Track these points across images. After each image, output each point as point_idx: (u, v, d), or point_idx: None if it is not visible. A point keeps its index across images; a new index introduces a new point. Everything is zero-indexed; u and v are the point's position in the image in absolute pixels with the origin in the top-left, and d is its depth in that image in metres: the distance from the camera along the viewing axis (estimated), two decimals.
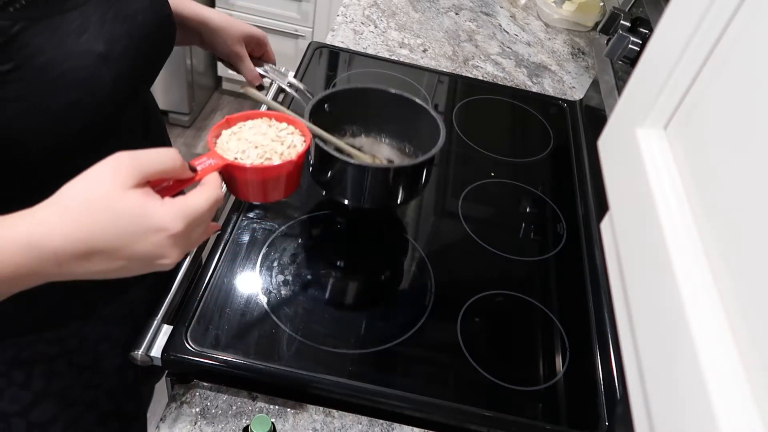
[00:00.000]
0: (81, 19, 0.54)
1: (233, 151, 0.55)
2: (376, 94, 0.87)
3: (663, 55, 0.39)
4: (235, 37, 0.87)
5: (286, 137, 0.58)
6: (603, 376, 0.80)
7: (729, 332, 0.29)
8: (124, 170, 0.44)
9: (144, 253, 0.45)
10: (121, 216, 0.43)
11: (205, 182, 0.50)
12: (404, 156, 0.91)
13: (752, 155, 0.30)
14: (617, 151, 0.44)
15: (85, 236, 0.43)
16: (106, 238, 0.44)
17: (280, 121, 0.60)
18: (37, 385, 0.72)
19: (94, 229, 0.43)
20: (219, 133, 0.58)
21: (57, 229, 0.43)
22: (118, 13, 0.58)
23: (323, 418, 0.73)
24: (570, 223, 1.02)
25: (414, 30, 1.42)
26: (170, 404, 0.72)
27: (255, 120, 0.60)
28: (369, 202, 0.82)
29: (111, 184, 0.43)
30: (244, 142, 0.56)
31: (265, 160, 0.55)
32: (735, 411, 0.26)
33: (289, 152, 0.56)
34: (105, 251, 0.44)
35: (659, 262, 0.34)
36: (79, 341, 0.73)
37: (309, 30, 2.30)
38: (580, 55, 1.47)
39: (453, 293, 0.86)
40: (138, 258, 0.45)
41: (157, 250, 0.45)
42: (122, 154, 0.45)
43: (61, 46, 0.51)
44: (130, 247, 0.44)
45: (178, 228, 0.45)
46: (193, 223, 0.46)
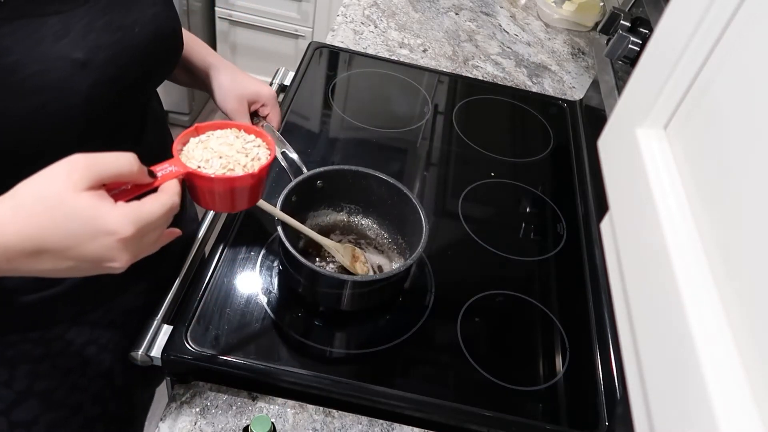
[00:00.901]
0: (62, 24, 0.53)
1: (197, 159, 0.56)
2: (370, 178, 0.84)
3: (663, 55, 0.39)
4: (237, 96, 0.84)
5: (252, 149, 0.59)
6: (603, 376, 0.80)
7: (729, 332, 0.29)
8: (78, 171, 0.44)
9: (92, 255, 0.45)
10: (71, 217, 0.44)
11: (163, 189, 0.50)
12: (395, 249, 0.87)
13: (752, 155, 0.30)
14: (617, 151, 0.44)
15: (34, 234, 0.43)
16: (55, 238, 0.44)
17: (248, 133, 0.61)
18: (20, 384, 0.71)
19: (43, 227, 0.43)
20: (187, 140, 0.58)
21: (8, 226, 0.43)
22: (111, 22, 0.57)
23: (323, 418, 0.73)
24: (570, 223, 1.02)
25: (414, 30, 1.42)
26: (170, 404, 0.72)
27: (224, 130, 0.60)
28: (323, 304, 0.81)
29: (64, 185, 0.44)
30: (210, 151, 0.57)
31: (228, 171, 0.55)
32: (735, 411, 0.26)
33: (252, 164, 0.57)
34: (53, 251, 0.44)
35: (659, 262, 0.34)
36: (64, 344, 0.73)
37: (309, 30, 2.30)
38: (580, 55, 1.47)
39: (453, 293, 0.86)
40: (86, 259, 0.45)
41: (106, 253, 0.45)
42: (78, 155, 0.45)
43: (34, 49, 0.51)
44: (78, 248, 0.44)
45: (128, 232, 0.45)
46: (145, 228, 0.46)
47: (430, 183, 1.05)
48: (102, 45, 0.56)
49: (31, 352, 0.70)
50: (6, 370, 0.70)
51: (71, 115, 0.54)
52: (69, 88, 0.53)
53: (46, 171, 0.45)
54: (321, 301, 0.81)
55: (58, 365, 0.73)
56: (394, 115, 1.17)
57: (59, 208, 0.43)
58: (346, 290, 0.77)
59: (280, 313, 0.80)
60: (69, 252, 0.44)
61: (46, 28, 0.52)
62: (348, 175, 0.84)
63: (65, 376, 0.75)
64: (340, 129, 1.12)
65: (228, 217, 0.89)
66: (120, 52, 0.58)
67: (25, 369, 0.71)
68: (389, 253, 0.87)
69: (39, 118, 0.53)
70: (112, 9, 0.58)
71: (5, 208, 0.44)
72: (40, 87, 0.52)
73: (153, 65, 0.65)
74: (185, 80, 0.87)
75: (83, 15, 0.55)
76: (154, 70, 0.67)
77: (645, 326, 0.35)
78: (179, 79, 0.87)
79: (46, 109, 0.53)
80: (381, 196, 0.86)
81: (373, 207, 0.88)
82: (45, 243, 0.44)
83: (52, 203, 0.43)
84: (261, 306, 0.80)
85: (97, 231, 0.44)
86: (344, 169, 0.83)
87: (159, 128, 0.77)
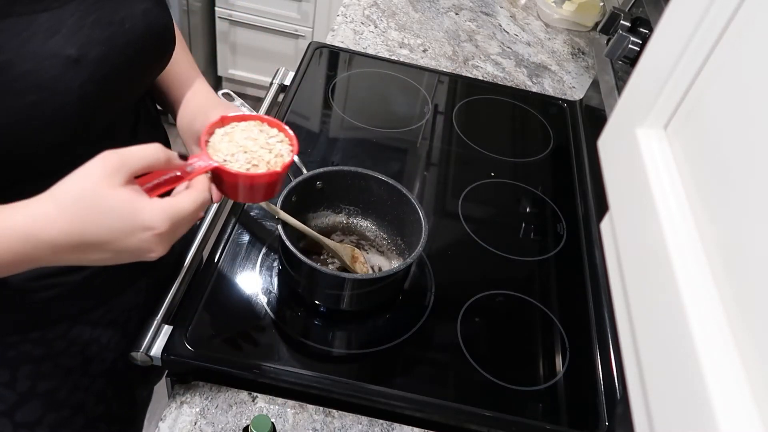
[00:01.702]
0: (53, 21, 0.53)
1: (224, 152, 0.58)
2: (369, 178, 0.84)
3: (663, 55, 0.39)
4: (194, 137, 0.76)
5: (275, 145, 0.61)
6: (603, 376, 0.80)
7: (729, 332, 0.29)
8: (112, 167, 0.47)
9: (131, 248, 0.48)
10: (111, 213, 0.46)
11: (194, 184, 0.53)
12: (394, 249, 0.87)
13: (752, 155, 0.30)
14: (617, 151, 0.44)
15: (78, 230, 0.46)
16: (96, 233, 0.47)
17: (271, 127, 0.63)
18: (22, 385, 0.71)
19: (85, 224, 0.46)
20: (213, 131, 0.61)
21: (55, 223, 0.46)
22: (101, 18, 0.57)
23: (323, 418, 0.73)
24: (570, 223, 1.02)
25: (414, 30, 1.42)
26: (170, 404, 0.72)
27: (248, 122, 0.62)
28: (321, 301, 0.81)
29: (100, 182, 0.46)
30: (235, 145, 0.59)
31: (252, 166, 0.58)
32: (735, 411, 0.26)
33: (275, 161, 0.59)
34: (96, 244, 0.47)
35: (659, 262, 0.34)
36: (66, 344, 0.72)
37: (309, 30, 2.30)
38: (580, 55, 1.47)
39: (453, 293, 0.86)
40: (126, 251, 0.49)
41: (144, 245, 0.48)
42: (110, 152, 0.48)
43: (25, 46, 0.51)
44: (118, 242, 0.48)
45: (164, 228, 0.48)
46: (178, 222, 0.49)
47: (430, 183, 1.05)
48: (94, 41, 0.56)
49: (32, 353, 0.70)
50: (8, 371, 0.70)
51: (64, 113, 0.54)
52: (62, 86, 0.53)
53: (82, 169, 0.47)
54: (321, 301, 0.81)
55: (60, 365, 0.73)
56: (394, 115, 1.17)
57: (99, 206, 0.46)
58: (346, 289, 0.77)
59: (280, 313, 0.80)
60: (110, 245, 0.48)
61: (37, 25, 0.52)
62: (347, 175, 0.84)
63: (67, 376, 0.75)
64: (340, 129, 1.12)
65: (228, 217, 0.89)
66: (112, 48, 0.58)
67: (26, 370, 0.71)
68: (389, 253, 0.87)
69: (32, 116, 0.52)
70: (101, 5, 0.57)
71: (49, 208, 0.47)
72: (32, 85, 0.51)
73: (145, 61, 0.65)
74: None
75: (73, 11, 0.55)
76: (147, 66, 0.66)
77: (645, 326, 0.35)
78: None
79: (39, 107, 0.52)
80: (380, 196, 0.86)
81: (373, 208, 0.88)
82: (88, 238, 0.47)
83: (92, 201, 0.46)
84: (261, 306, 0.80)
85: (136, 226, 0.47)
86: (344, 169, 0.84)
87: (153, 127, 0.77)
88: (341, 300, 0.78)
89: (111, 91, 0.61)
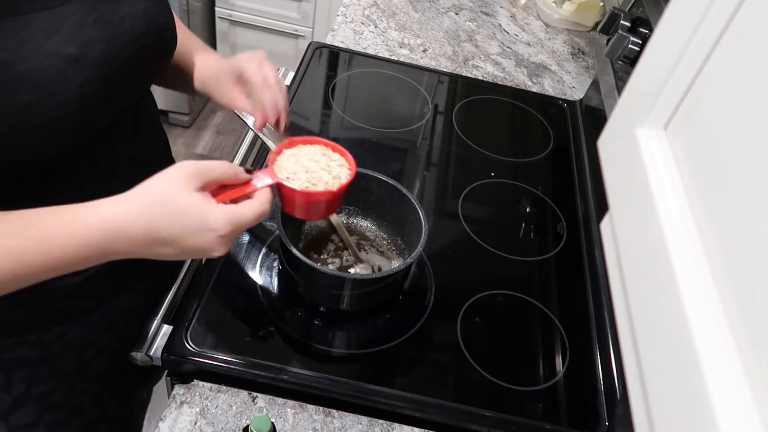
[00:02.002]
0: (53, 20, 0.53)
1: (287, 170, 0.64)
2: (369, 179, 0.84)
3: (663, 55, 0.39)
4: (224, 73, 0.79)
5: (335, 168, 0.66)
6: (603, 376, 0.80)
7: (729, 332, 0.29)
8: (187, 174, 0.54)
9: (197, 246, 0.54)
10: (184, 213, 0.53)
11: (256, 196, 0.59)
12: (394, 249, 0.87)
13: (752, 155, 0.30)
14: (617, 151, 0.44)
15: (155, 227, 0.53)
16: (170, 230, 0.53)
17: (334, 152, 0.68)
18: (17, 388, 0.71)
19: (162, 221, 0.53)
20: (281, 150, 0.67)
21: (136, 220, 0.52)
22: (101, 17, 0.57)
23: (323, 418, 0.73)
24: (570, 223, 1.02)
25: (414, 30, 1.42)
26: (170, 404, 0.72)
27: (314, 146, 0.69)
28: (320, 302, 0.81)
29: (177, 186, 0.53)
30: (299, 164, 0.65)
31: (311, 185, 0.64)
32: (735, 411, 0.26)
33: (333, 182, 0.65)
34: (168, 240, 0.54)
35: (659, 262, 0.34)
36: (62, 346, 0.72)
37: (309, 30, 2.30)
38: (580, 55, 1.47)
39: (453, 293, 0.86)
40: (192, 248, 0.55)
41: (207, 245, 0.55)
42: (188, 162, 0.55)
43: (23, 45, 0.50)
44: (187, 239, 0.54)
45: (226, 231, 0.54)
46: (238, 228, 0.56)
47: (430, 183, 1.05)
48: (94, 40, 0.56)
49: (29, 356, 0.70)
50: (2, 374, 0.70)
51: (65, 112, 0.54)
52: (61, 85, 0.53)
53: (163, 174, 0.54)
54: (321, 301, 0.81)
55: (57, 368, 0.73)
56: (394, 115, 1.17)
57: (175, 206, 0.53)
58: (346, 290, 0.77)
59: (280, 313, 0.80)
60: (179, 242, 0.54)
61: (36, 24, 0.51)
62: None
63: (63, 379, 0.74)
64: (340, 129, 1.12)
65: None
66: (112, 47, 0.57)
67: (22, 372, 0.71)
68: (389, 253, 0.87)
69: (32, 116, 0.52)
70: (102, 4, 0.57)
71: (130, 206, 0.53)
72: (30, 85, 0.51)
73: (146, 60, 0.64)
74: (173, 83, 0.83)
75: (74, 10, 0.54)
76: (147, 65, 0.66)
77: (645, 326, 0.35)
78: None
79: (37, 106, 0.52)
80: (380, 196, 0.86)
81: (373, 208, 0.88)
82: (162, 234, 0.53)
83: (169, 202, 0.53)
84: (261, 306, 0.80)
85: (202, 227, 0.54)
86: None
87: (153, 127, 0.76)
88: (341, 300, 0.78)
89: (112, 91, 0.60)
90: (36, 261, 0.51)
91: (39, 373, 0.72)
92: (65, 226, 0.51)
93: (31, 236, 0.51)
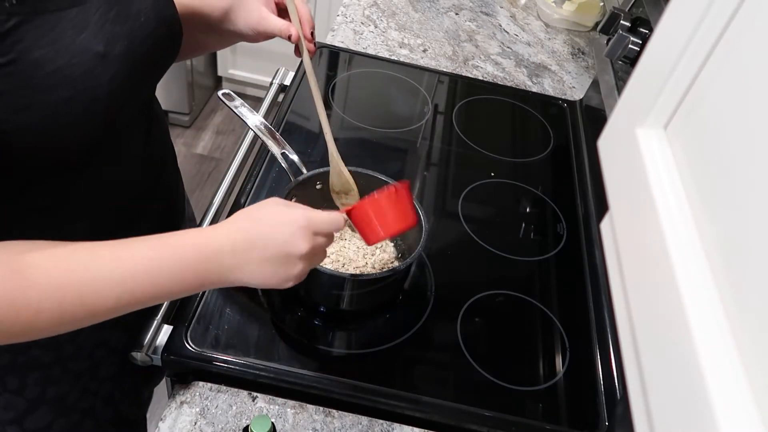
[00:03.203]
0: (80, 17, 0.53)
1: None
2: (369, 179, 0.83)
3: (663, 55, 0.39)
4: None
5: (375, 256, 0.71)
6: (603, 376, 0.80)
7: (729, 332, 0.29)
8: (304, 225, 0.59)
9: (282, 239, 0.58)
10: (276, 216, 0.59)
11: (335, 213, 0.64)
12: (394, 249, 0.86)
13: (752, 155, 0.30)
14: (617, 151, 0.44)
15: (256, 233, 0.58)
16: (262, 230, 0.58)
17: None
18: (31, 391, 0.71)
19: (261, 226, 0.58)
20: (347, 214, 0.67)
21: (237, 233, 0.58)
22: (120, 12, 0.57)
23: (323, 418, 0.73)
24: (570, 223, 1.02)
25: (414, 30, 1.42)
26: (170, 404, 0.72)
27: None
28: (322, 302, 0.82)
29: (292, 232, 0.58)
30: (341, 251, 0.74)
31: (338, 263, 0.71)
32: (735, 411, 0.26)
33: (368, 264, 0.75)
34: (261, 239, 0.57)
35: (659, 262, 0.34)
36: (75, 348, 0.72)
37: None
38: (580, 55, 1.47)
39: (453, 293, 0.86)
40: (278, 243, 0.58)
41: (289, 238, 0.58)
42: (302, 213, 0.60)
43: (57, 42, 0.51)
44: (274, 235, 0.58)
45: (303, 222, 0.58)
46: (314, 224, 0.59)
47: (430, 183, 1.05)
48: (117, 36, 0.56)
49: (42, 358, 0.70)
50: (17, 377, 0.70)
51: (95, 108, 0.55)
52: (93, 81, 0.54)
53: (279, 221, 0.59)
54: (321, 301, 0.81)
55: (69, 370, 0.73)
56: (394, 115, 1.17)
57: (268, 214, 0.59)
58: (346, 290, 0.77)
59: (280, 313, 0.80)
60: (269, 240, 0.57)
61: (66, 22, 0.52)
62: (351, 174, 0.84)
63: (76, 381, 0.74)
64: (340, 129, 1.12)
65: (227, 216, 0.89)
66: (133, 41, 0.58)
67: (35, 375, 0.71)
68: (389, 253, 0.87)
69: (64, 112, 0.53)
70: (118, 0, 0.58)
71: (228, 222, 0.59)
72: (65, 81, 0.52)
73: (159, 53, 0.65)
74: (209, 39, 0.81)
75: (97, 6, 0.55)
76: (161, 58, 0.66)
77: (645, 326, 0.35)
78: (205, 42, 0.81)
79: (72, 102, 0.53)
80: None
81: None
82: (258, 233, 0.58)
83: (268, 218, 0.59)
84: (261, 306, 0.80)
85: (285, 220, 0.58)
86: None
87: (161, 124, 0.77)
88: (341, 300, 0.78)
89: (135, 86, 0.61)
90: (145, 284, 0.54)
91: (52, 375, 0.72)
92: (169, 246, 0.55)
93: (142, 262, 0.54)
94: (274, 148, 0.84)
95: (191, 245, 0.55)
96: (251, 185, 0.95)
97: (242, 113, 0.85)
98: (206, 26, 0.78)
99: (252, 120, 0.86)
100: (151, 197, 0.76)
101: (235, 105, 0.85)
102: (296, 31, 0.75)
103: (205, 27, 0.78)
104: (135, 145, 0.69)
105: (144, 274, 0.53)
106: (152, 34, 0.61)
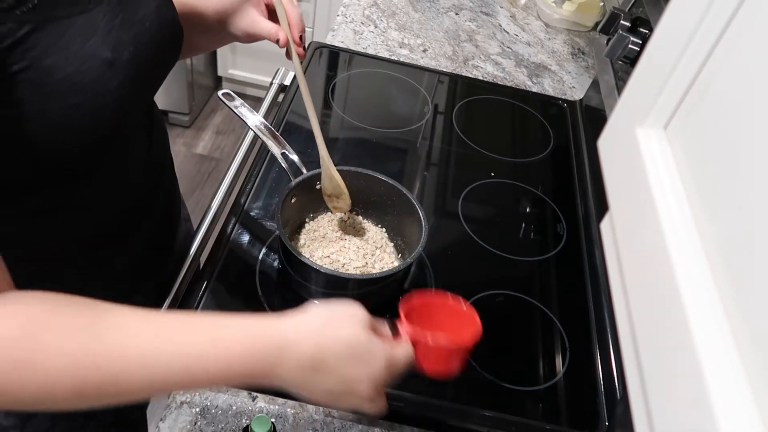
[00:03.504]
0: (88, 24, 0.53)
1: None
2: (369, 178, 0.84)
3: (663, 55, 0.39)
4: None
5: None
6: (603, 376, 0.80)
7: (729, 332, 0.29)
8: (362, 321, 0.56)
9: (354, 377, 0.54)
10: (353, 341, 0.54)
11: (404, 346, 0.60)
12: (394, 249, 0.87)
13: (752, 155, 0.30)
14: (617, 151, 0.44)
15: (324, 347, 0.53)
16: (335, 350, 0.54)
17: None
18: None
19: (329, 342, 0.53)
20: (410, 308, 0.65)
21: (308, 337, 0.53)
22: (126, 18, 0.57)
23: (323, 418, 0.73)
24: (570, 223, 1.02)
25: (414, 30, 1.42)
26: (170, 404, 0.72)
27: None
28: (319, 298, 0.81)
29: (354, 322, 0.55)
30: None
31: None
32: (735, 411, 0.26)
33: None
34: (332, 362, 0.53)
35: (659, 262, 0.34)
36: None
37: (309, 30, 2.30)
38: (580, 55, 1.47)
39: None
40: (349, 380, 0.54)
41: (367, 377, 0.55)
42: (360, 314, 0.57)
43: (67, 49, 0.51)
44: (350, 367, 0.54)
45: (385, 363, 0.56)
46: (391, 360, 0.57)
47: (430, 183, 1.05)
48: (124, 42, 0.56)
49: None
50: None
51: (103, 115, 0.55)
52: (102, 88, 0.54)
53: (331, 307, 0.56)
54: (321, 301, 0.81)
55: None
56: (394, 115, 1.17)
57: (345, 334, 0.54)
58: (346, 290, 0.77)
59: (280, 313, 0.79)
60: (342, 367, 0.54)
61: (74, 29, 0.52)
62: (347, 175, 0.84)
63: None
64: (340, 129, 1.12)
65: (228, 217, 0.89)
66: (138, 47, 0.58)
67: None
68: (389, 254, 0.87)
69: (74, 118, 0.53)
70: (124, 5, 0.58)
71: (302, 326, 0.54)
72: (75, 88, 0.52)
73: (163, 57, 0.65)
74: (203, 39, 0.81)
75: (104, 13, 0.55)
76: (165, 61, 0.66)
77: (645, 326, 0.35)
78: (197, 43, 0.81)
79: (81, 109, 0.53)
80: (380, 196, 0.85)
81: (373, 208, 0.88)
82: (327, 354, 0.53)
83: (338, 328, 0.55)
84: (261, 306, 0.79)
85: (369, 355, 0.55)
86: (343, 170, 0.83)
87: (161, 127, 0.78)
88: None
89: (141, 90, 0.62)
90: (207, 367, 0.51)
91: None
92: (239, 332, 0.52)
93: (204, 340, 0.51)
94: (274, 148, 0.84)
95: (270, 339, 0.53)
96: (251, 185, 0.95)
97: (242, 113, 0.85)
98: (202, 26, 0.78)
99: (252, 120, 0.86)
100: (152, 198, 0.76)
101: (235, 105, 0.85)
102: (285, 35, 0.75)
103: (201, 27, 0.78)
104: (139, 147, 0.69)
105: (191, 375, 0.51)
106: (156, 39, 0.62)
